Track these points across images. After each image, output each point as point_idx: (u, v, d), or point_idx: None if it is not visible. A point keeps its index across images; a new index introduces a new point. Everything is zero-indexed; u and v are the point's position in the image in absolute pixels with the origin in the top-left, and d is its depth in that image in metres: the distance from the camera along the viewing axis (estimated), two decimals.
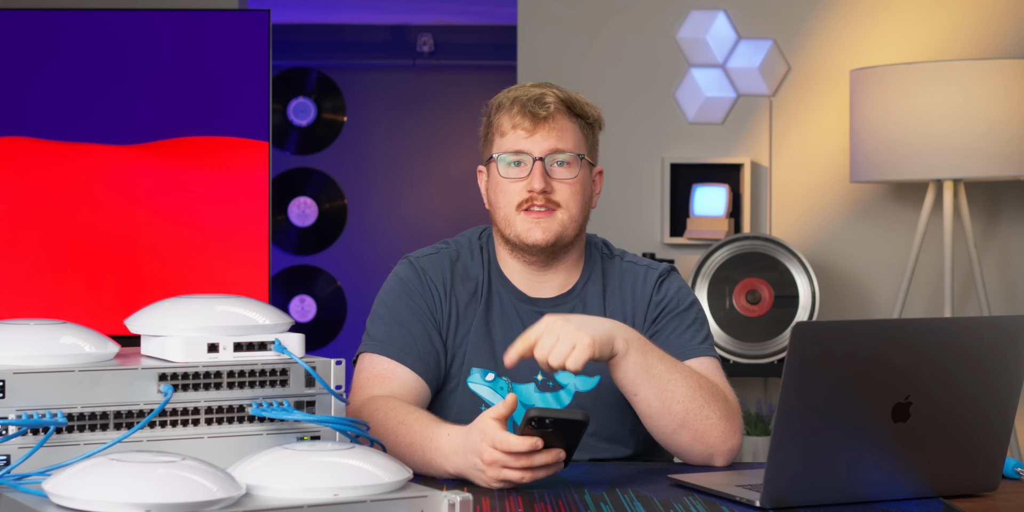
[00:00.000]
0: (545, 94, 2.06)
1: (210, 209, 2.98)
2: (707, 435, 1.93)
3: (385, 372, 2.02)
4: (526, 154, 2.05)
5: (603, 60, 4.11)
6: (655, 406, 1.92)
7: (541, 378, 2.07)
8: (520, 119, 2.05)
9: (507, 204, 2.07)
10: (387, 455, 1.56)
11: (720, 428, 1.93)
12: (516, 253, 2.10)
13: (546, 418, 1.67)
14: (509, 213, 2.07)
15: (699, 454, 1.95)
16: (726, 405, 1.96)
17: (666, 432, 1.94)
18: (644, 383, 1.91)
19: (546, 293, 2.12)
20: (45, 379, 1.54)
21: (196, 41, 2.99)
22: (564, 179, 2.05)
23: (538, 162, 2.04)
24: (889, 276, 4.07)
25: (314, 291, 6.07)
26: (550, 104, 2.04)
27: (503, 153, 2.07)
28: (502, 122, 2.08)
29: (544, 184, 2.04)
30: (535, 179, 2.04)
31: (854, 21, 4.09)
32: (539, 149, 2.05)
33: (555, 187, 2.05)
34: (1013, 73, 3.61)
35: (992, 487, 1.75)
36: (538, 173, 2.04)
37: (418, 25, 6.04)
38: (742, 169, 4.05)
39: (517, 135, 2.05)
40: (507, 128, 2.07)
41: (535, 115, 2.04)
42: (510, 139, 2.06)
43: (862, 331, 1.66)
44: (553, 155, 2.05)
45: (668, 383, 1.92)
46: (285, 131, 6.06)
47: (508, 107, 2.07)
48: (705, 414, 1.92)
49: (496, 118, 2.09)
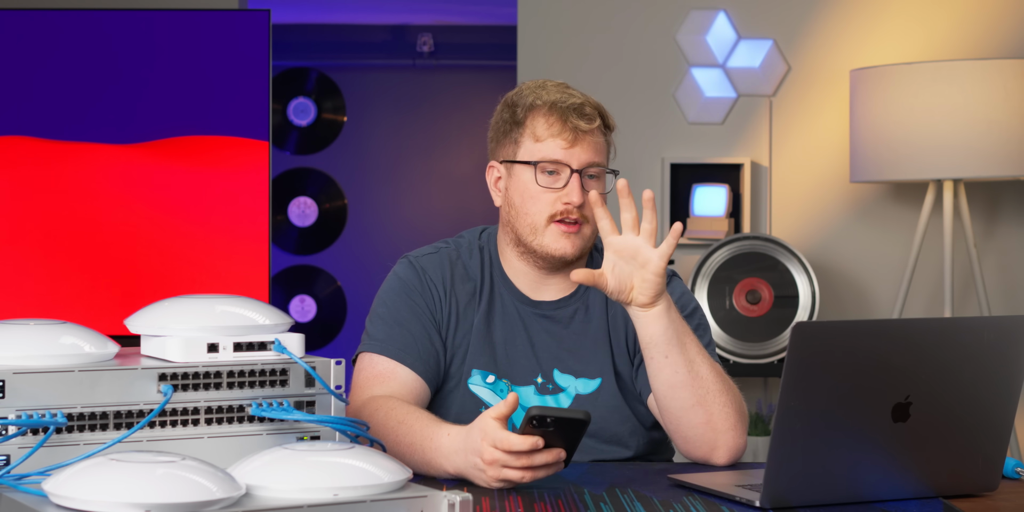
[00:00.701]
0: (584, 105, 2.03)
1: (210, 209, 2.98)
2: (719, 420, 1.91)
3: (385, 372, 2.02)
4: (563, 164, 2.03)
5: (603, 60, 4.11)
6: (681, 373, 1.91)
7: (541, 380, 2.07)
8: (561, 128, 2.02)
9: (538, 213, 2.03)
10: (387, 455, 1.56)
11: (733, 418, 1.93)
12: (528, 258, 2.08)
13: (547, 417, 1.67)
14: (538, 222, 2.03)
15: (706, 442, 1.93)
16: (737, 401, 1.96)
17: (684, 406, 1.92)
18: (677, 346, 1.90)
19: (549, 296, 2.11)
20: (45, 379, 1.54)
21: (196, 41, 2.99)
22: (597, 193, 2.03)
23: (575, 174, 2.02)
24: (889, 276, 4.07)
25: (314, 291, 6.07)
26: (593, 118, 2.03)
27: (541, 161, 2.03)
28: (537, 125, 2.04)
29: (581, 198, 2.02)
30: (573, 193, 2.01)
31: (854, 21, 4.09)
32: (577, 162, 2.02)
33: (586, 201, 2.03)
34: (1013, 73, 3.61)
35: (992, 487, 1.75)
36: (576, 187, 2.01)
37: (418, 25, 6.04)
38: (742, 169, 4.05)
39: (556, 144, 2.02)
40: (544, 134, 2.03)
41: (577, 127, 2.01)
42: (548, 147, 2.02)
43: (862, 331, 1.66)
44: (588, 167, 2.03)
45: (696, 356, 1.92)
46: (285, 131, 6.06)
47: (546, 112, 2.03)
48: (722, 400, 1.92)
49: (530, 119, 2.05)
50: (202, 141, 2.98)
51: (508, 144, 2.08)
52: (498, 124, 2.10)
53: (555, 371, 2.07)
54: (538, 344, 2.08)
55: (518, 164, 2.05)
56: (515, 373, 2.06)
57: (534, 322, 2.09)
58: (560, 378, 2.07)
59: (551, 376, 2.07)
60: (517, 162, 2.05)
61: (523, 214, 2.05)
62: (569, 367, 2.07)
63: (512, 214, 2.07)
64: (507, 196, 2.08)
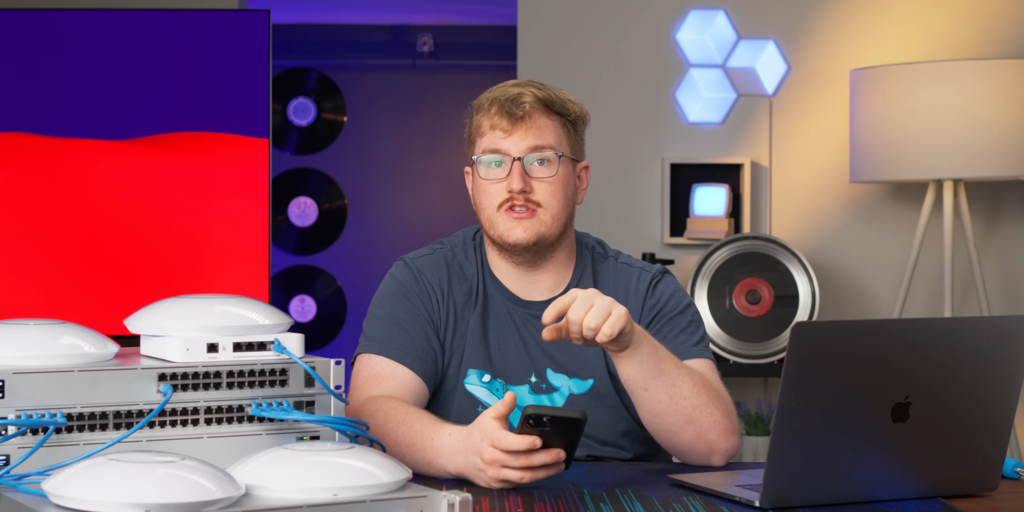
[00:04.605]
0: (522, 93, 2.06)
1: (210, 208, 2.98)
2: (710, 433, 1.93)
3: (384, 372, 2.02)
4: (505, 154, 2.05)
5: (603, 60, 4.11)
6: (663, 402, 1.91)
7: (535, 380, 2.07)
8: (498, 119, 2.05)
9: (489, 205, 2.07)
10: (387, 455, 1.56)
11: (722, 426, 1.94)
12: (503, 254, 2.10)
13: (543, 416, 1.67)
14: (492, 214, 2.07)
15: (701, 453, 1.95)
16: (725, 404, 1.96)
17: (672, 430, 1.93)
18: (655, 377, 1.90)
19: (538, 295, 2.11)
20: (45, 379, 1.54)
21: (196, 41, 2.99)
22: (543, 178, 2.05)
23: (516, 162, 2.04)
24: (889, 276, 4.07)
25: (314, 291, 6.07)
26: (526, 103, 2.04)
27: (483, 154, 2.07)
28: (481, 123, 2.08)
29: (523, 184, 2.03)
30: (514, 179, 2.04)
31: (854, 21, 4.09)
32: (517, 149, 2.05)
33: (535, 186, 2.05)
34: (1013, 73, 3.61)
35: (992, 487, 1.75)
36: (517, 173, 2.04)
37: (418, 25, 6.04)
38: (742, 169, 4.05)
39: (495, 135, 2.06)
40: (486, 128, 2.07)
41: (512, 115, 2.04)
42: (488, 139, 2.07)
43: (862, 331, 1.66)
44: (532, 154, 2.05)
45: (676, 379, 1.92)
46: (285, 131, 6.06)
47: (487, 108, 2.08)
48: (709, 411, 1.92)
49: (476, 119, 2.10)
50: (202, 137, 2.98)
51: (469, 147, 2.14)
52: (464, 131, 2.16)
53: (548, 370, 2.07)
54: (531, 344, 2.08)
55: (475, 163, 2.10)
56: (509, 373, 2.07)
57: (525, 322, 2.09)
58: (553, 377, 2.07)
59: (544, 376, 2.07)
60: (473, 162, 2.10)
61: (480, 209, 2.10)
62: (562, 367, 2.07)
63: (477, 212, 2.11)
64: (472, 197, 2.13)
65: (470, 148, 2.13)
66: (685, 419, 1.92)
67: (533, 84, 2.09)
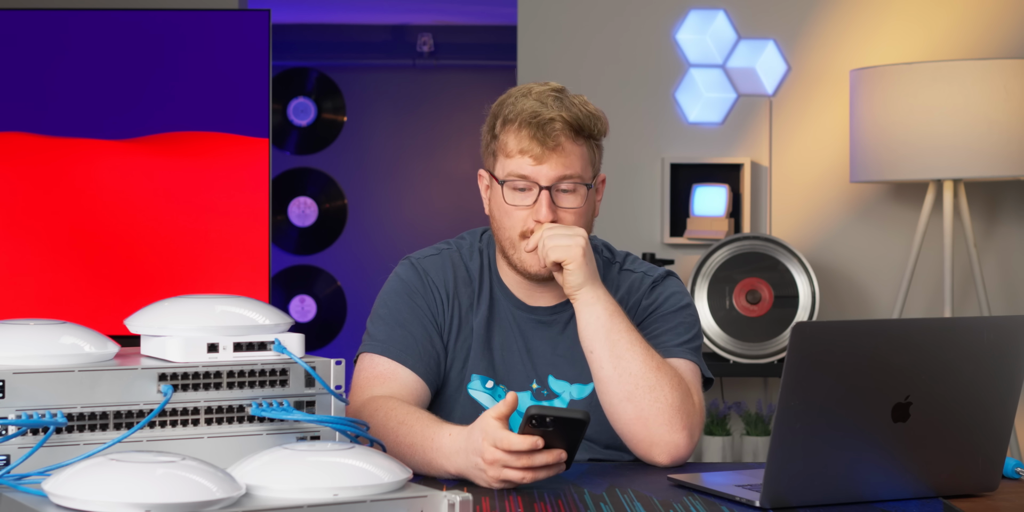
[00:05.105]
0: (554, 120, 1.97)
1: (210, 208, 2.98)
2: (651, 416, 1.91)
3: (386, 372, 2.01)
4: (532, 181, 2.00)
5: (603, 60, 4.11)
6: (607, 369, 1.93)
7: (536, 386, 2.07)
8: (528, 144, 1.98)
9: (511, 227, 2.02)
10: (387, 455, 1.56)
11: (668, 416, 1.91)
12: (515, 269, 2.07)
13: (546, 416, 1.67)
14: (513, 237, 2.02)
15: (641, 439, 1.92)
16: (684, 399, 1.93)
17: (612, 401, 1.94)
18: (600, 340, 1.93)
19: (544, 302, 2.10)
20: (45, 379, 1.54)
21: (196, 41, 2.99)
22: (570, 208, 2.00)
23: (544, 191, 1.99)
24: (889, 276, 4.07)
25: (314, 291, 6.07)
26: (558, 132, 1.97)
27: (509, 177, 2.01)
28: (508, 142, 2.01)
29: (551, 215, 1.99)
30: (541, 211, 1.98)
31: (854, 21, 4.09)
32: (546, 178, 1.99)
33: (561, 216, 2.00)
34: (1013, 73, 3.61)
35: (992, 487, 1.75)
36: (545, 203, 1.98)
37: (418, 25, 6.04)
38: (742, 169, 4.05)
39: (524, 161, 1.99)
40: (513, 150, 2.00)
41: (543, 143, 1.97)
42: (516, 163, 2.00)
43: (862, 331, 1.66)
44: (559, 182, 2.00)
45: (625, 352, 1.92)
46: (285, 131, 6.07)
47: (516, 128, 2.00)
48: (655, 396, 1.91)
49: (502, 134, 2.02)
50: (202, 137, 2.99)
51: (488, 155, 2.07)
52: (484, 133, 2.08)
53: (550, 377, 2.07)
54: (534, 350, 2.07)
55: (495, 178, 2.04)
56: (511, 379, 2.06)
57: (531, 328, 2.08)
58: (555, 384, 2.07)
59: (546, 382, 2.07)
60: (494, 176, 2.05)
61: (501, 228, 2.05)
62: (563, 373, 2.07)
63: (495, 227, 2.07)
64: (490, 207, 2.09)
65: (490, 160, 2.06)
66: (626, 394, 1.91)
67: (561, 102, 2.00)
